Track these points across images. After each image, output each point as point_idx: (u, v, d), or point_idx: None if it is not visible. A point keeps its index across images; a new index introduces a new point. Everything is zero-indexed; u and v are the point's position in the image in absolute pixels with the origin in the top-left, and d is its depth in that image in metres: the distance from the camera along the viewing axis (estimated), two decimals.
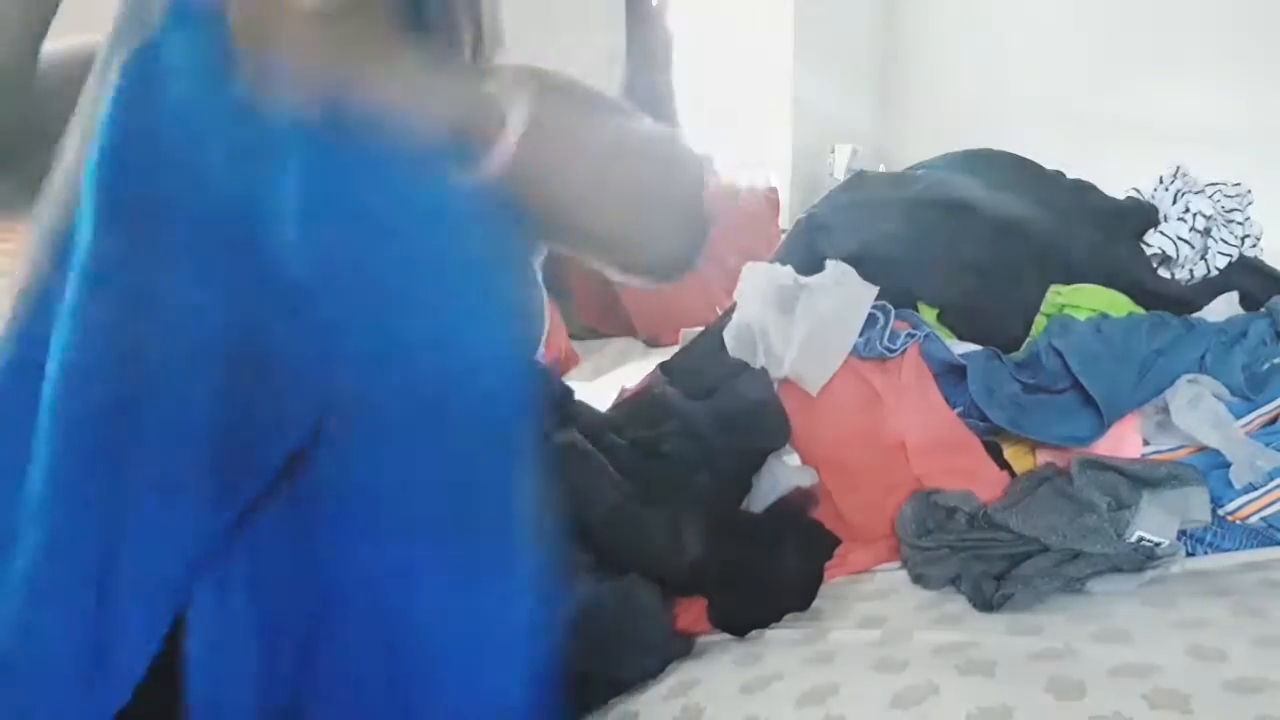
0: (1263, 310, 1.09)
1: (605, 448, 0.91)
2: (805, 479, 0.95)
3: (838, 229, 1.33)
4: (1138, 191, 1.36)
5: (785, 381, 1.06)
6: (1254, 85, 2.29)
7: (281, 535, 0.48)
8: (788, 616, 0.83)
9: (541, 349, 1.03)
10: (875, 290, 1.09)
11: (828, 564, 0.90)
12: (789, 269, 1.17)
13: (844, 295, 1.07)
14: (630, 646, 0.76)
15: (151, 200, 0.47)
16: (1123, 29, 2.55)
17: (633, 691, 0.76)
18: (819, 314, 1.05)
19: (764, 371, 1.05)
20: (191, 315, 0.47)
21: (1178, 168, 1.32)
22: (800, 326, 1.04)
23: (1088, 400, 0.98)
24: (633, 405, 1.03)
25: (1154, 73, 2.45)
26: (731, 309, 1.14)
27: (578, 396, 1.01)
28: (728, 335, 1.10)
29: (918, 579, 0.87)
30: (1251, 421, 0.96)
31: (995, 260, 1.20)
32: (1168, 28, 2.45)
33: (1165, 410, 0.97)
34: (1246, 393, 0.98)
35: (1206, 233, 1.25)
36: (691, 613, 0.85)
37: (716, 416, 0.98)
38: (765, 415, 0.99)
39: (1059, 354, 1.02)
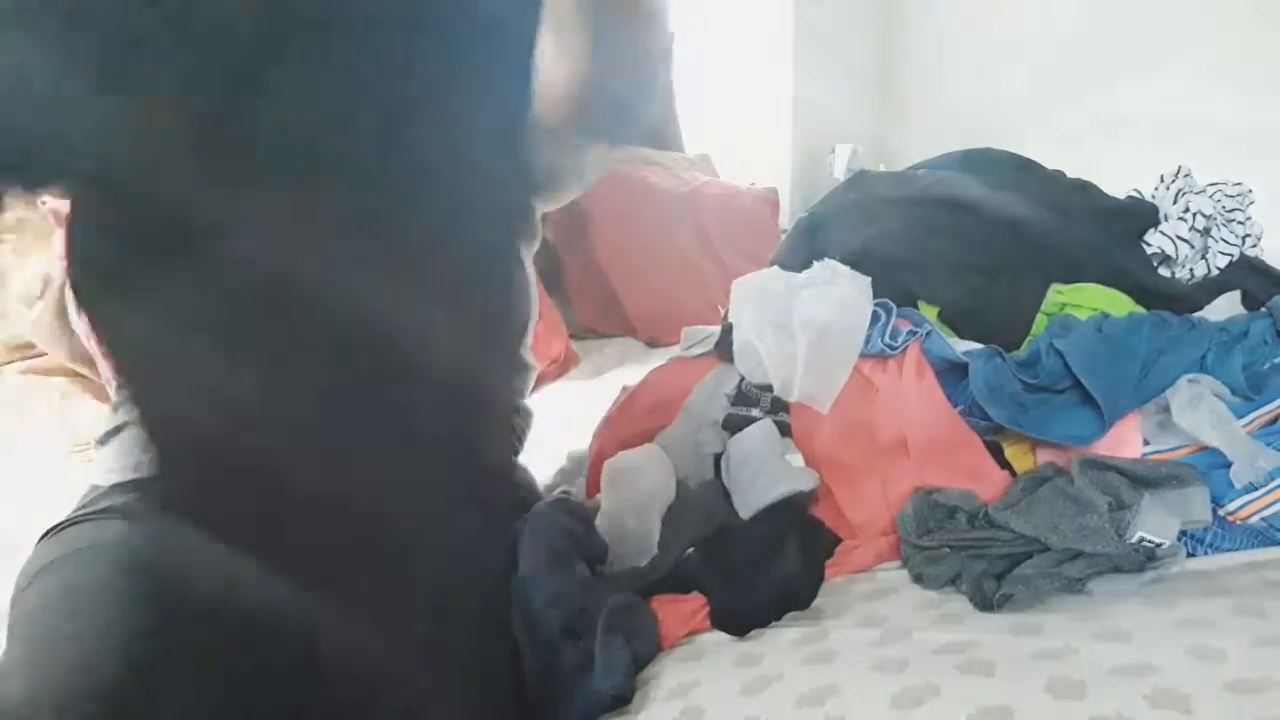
0: (1264, 310, 1.08)
1: None
2: (807, 483, 0.95)
3: (838, 228, 1.33)
4: (1138, 191, 1.36)
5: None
6: (1254, 85, 2.29)
7: None
8: (788, 615, 0.83)
9: (529, 338, 1.02)
10: (868, 283, 1.08)
11: (828, 563, 0.90)
12: (776, 271, 1.16)
13: (839, 300, 1.06)
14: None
15: None
16: (1122, 28, 2.55)
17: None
18: (818, 326, 1.03)
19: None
20: None
21: (1179, 167, 1.32)
22: (800, 340, 1.03)
23: (1088, 400, 0.98)
24: None
25: (1154, 72, 2.45)
26: (728, 328, 1.12)
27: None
28: (737, 356, 1.08)
29: (918, 578, 0.87)
30: (1252, 421, 0.96)
31: (996, 259, 1.20)
32: (1168, 27, 2.45)
33: (1166, 410, 0.97)
34: (1247, 392, 0.98)
35: (1207, 232, 1.25)
36: (689, 610, 0.85)
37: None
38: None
39: (1059, 354, 1.02)
